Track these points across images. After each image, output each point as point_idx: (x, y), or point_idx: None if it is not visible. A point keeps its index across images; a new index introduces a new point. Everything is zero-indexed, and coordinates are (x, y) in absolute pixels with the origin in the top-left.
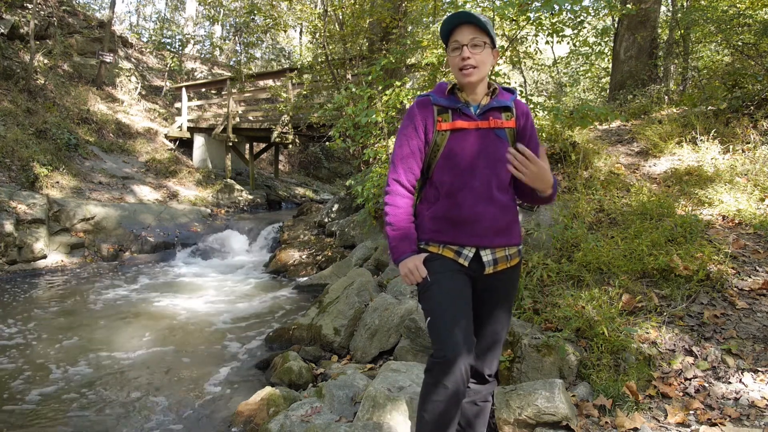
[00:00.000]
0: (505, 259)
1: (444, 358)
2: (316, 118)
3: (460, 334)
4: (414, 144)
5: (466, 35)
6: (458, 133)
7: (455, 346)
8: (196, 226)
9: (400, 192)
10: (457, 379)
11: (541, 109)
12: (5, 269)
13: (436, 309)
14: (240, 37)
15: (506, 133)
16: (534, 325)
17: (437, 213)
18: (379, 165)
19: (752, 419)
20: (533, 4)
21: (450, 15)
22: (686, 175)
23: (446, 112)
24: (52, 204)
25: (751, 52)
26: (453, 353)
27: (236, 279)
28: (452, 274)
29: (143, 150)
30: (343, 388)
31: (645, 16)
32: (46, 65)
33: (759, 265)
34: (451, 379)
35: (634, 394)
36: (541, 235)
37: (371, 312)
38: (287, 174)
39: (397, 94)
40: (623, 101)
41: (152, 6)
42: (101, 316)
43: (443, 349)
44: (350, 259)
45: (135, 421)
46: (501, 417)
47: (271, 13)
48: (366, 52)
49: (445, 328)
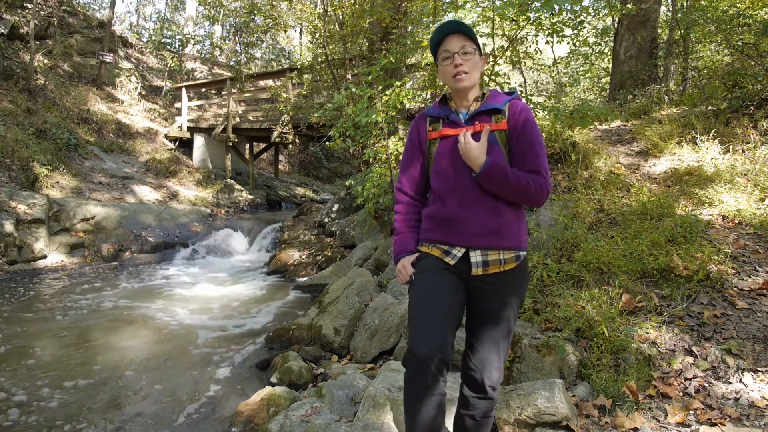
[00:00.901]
0: (498, 262)
1: (412, 352)
2: (316, 118)
3: (430, 328)
4: (411, 155)
5: (456, 44)
6: (446, 140)
7: (422, 341)
8: (196, 226)
9: (402, 199)
10: (426, 374)
11: (541, 109)
12: (5, 269)
13: (412, 306)
14: (240, 37)
15: (495, 136)
16: (534, 325)
17: (430, 213)
18: (379, 165)
19: (752, 419)
20: (533, 4)
21: (439, 26)
22: (686, 175)
23: (437, 121)
24: (52, 204)
25: (751, 52)
26: (419, 348)
27: (236, 279)
28: (435, 272)
29: (143, 150)
30: (343, 388)
31: (645, 16)
32: (46, 65)
33: (759, 265)
34: (420, 373)
35: (634, 394)
36: (541, 235)
37: (371, 312)
38: (287, 174)
39: (397, 94)
40: (623, 101)
41: (152, 6)
42: (101, 316)
43: (411, 344)
44: (350, 259)
45: (135, 421)
46: (501, 417)
47: (271, 13)
48: (366, 52)
49: (415, 324)
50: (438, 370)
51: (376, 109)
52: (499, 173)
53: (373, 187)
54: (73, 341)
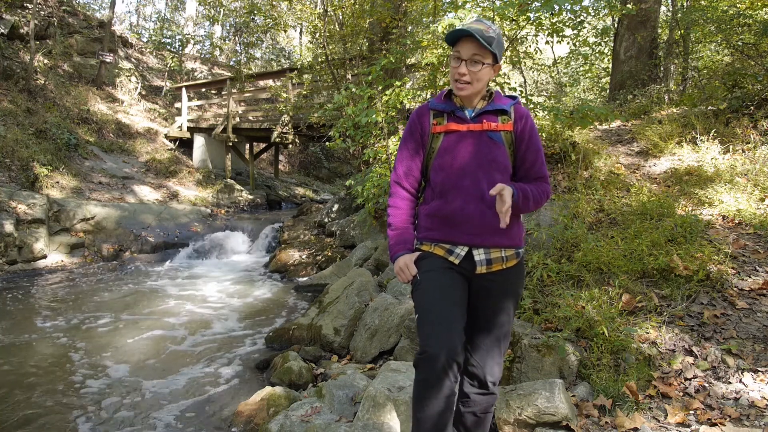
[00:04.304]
0: (500, 260)
1: (426, 353)
2: (316, 118)
3: (444, 329)
4: (412, 147)
5: (468, 50)
6: (451, 135)
7: (437, 341)
8: (196, 226)
9: (400, 194)
10: (441, 375)
11: (541, 109)
12: (5, 269)
13: (422, 306)
14: (240, 37)
15: (501, 136)
16: (534, 325)
17: (430, 211)
18: (379, 165)
19: (752, 419)
20: (533, 4)
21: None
22: (686, 175)
23: (441, 115)
24: (52, 204)
25: (751, 52)
26: (434, 348)
27: (236, 279)
28: (442, 271)
29: (143, 150)
30: (343, 388)
31: (645, 16)
32: (46, 65)
33: (759, 265)
34: (434, 374)
35: (634, 394)
36: (541, 235)
37: (371, 312)
38: (287, 174)
39: (397, 94)
40: (623, 101)
41: (152, 6)
42: (101, 316)
43: (425, 345)
44: (350, 259)
45: (135, 421)
46: (501, 417)
47: (271, 13)
48: (366, 52)
49: (429, 324)
50: (452, 371)
51: (376, 109)
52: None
53: (373, 187)
54: (73, 341)
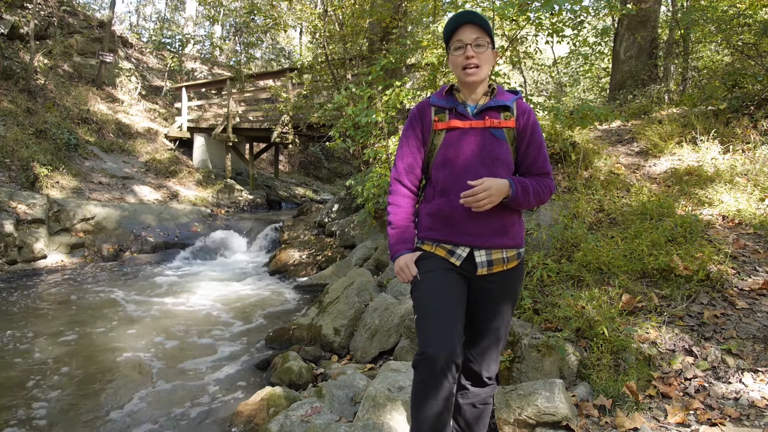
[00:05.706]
0: (501, 261)
1: (425, 354)
2: (316, 118)
3: (443, 331)
4: (412, 144)
5: (470, 35)
6: (453, 132)
7: (436, 342)
8: (196, 226)
9: (401, 191)
10: (440, 376)
11: (541, 109)
12: (5, 269)
13: (421, 306)
14: (240, 37)
15: (504, 132)
16: (534, 325)
17: (432, 210)
18: (379, 165)
19: (752, 419)
20: (533, 4)
21: (454, 15)
22: (686, 175)
23: (443, 112)
24: (52, 204)
25: (751, 52)
26: (433, 349)
27: (236, 279)
28: (442, 272)
29: (143, 150)
30: (343, 388)
31: (645, 16)
32: (46, 65)
33: (759, 265)
34: (433, 375)
35: (634, 394)
36: (541, 235)
37: (371, 312)
38: (287, 174)
39: (397, 94)
40: (623, 101)
41: (152, 6)
42: (101, 316)
43: (425, 346)
44: (350, 259)
45: (135, 421)
46: (501, 417)
47: (271, 13)
48: (366, 52)
49: (428, 325)
50: (451, 372)
51: (376, 109)
52: (524, 192)
53: (373, 187)
54: (73, 341)
